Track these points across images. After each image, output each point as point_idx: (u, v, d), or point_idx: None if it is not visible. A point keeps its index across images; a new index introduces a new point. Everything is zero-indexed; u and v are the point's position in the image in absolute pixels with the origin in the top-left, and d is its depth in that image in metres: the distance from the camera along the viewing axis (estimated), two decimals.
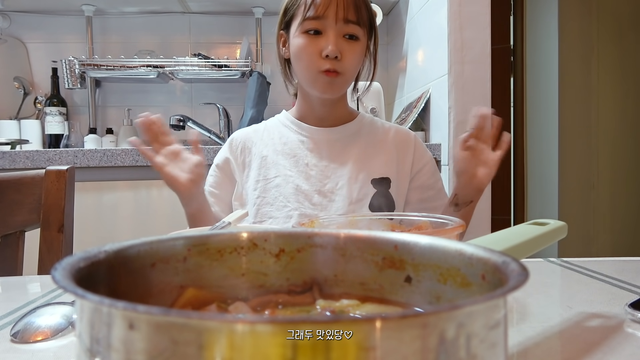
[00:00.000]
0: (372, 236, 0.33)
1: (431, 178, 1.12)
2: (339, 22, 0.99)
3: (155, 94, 2.51)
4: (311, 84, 1.05)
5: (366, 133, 1.12)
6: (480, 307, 0.20)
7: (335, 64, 1.00)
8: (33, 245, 0.96)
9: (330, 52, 0.98)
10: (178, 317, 0.18)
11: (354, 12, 1.00)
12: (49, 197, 0.96)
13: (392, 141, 1.12)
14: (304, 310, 0.32)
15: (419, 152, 1.12)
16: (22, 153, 1.74)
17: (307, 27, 1.00)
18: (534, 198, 2.66)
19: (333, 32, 0.99)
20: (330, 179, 1.04)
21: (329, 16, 0.99)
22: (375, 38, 1.12)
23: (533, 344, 0.43)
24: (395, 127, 1.16)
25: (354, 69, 1.05)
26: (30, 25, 2.45)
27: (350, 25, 1.00)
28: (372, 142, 1.11)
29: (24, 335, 0.46)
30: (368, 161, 1.08)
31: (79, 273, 0.24)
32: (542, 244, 0.46)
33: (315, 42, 1.00)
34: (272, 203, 1.04)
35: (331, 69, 1.00)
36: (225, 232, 0.34)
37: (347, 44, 1.01)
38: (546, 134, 2.66)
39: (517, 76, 2.33)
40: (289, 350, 0.17)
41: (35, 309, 0.50)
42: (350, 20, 1.00)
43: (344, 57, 1.01)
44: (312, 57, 1.00)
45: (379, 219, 0.61)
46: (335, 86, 1.03)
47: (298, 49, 1.02)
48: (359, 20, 1.01)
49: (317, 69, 1.01)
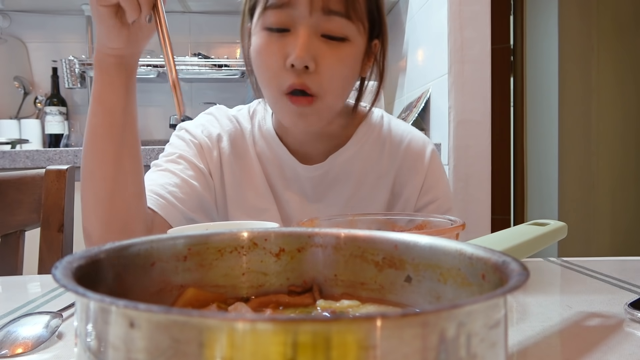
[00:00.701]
0: (372, 236, 0.33)
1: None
2: (315, 14, 0.67)
3: (155, 94, 2.51)
4: (274, 110, 0.77)
5: (365, 158, 0.83)
6: (480, 307, 0.20)
7: (305, 78, 0.68)
8: (33, 245, 0.96)
9: (296, 59, 0.66)
10: (179, 315, 0.18)
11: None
12: (49, 197, 0.96)
13: (399, 165, 0.84)
14: (304, 312, 0.32)
15: (429, 182, 0.83)
16: (22, 153, 1.74)
17: (268, 20, 0.69)
18: (533, 198, 2.66)
19: (305, 29, 0.67)
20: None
21: (300, 4, 0.67)
22: (383, 36, 0.79)
23: (533, 343, 0.43)
24: (409, 140, 0.85)
25: (339, 88, 0.72)
26: (30, 25, 2.45)
27: (332, 19, 0.68)
28: (371, 171, 0.84)
29: (2, 346, 0.42)
30: (361, 202, 0.83)
31: (80, 272, 0.24)
32: (542, 244, 0.46)
33: (279, 44, 0.69)
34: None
35: (297, 85, 0.68)
36: (226, 232, 0.34)
37: (328, 48, 0.69)
38: (546, 134, 2.66)
39: (517, 76, 2.33)
40: (290, 349, 0.17)
41: (18, 318, 0.46)
42: (332, 10, 0.67)
43: (321, 68, 0.68)
44: (273, 68, 0.69)
45: (379, 219, 0.61)
46: (308, 119, 0.72)
47: (255, 54, 0.72)
48: (349, 11, 0.68)
49: (278, 88, 0.70)
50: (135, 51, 0.65)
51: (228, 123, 0.86)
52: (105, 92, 0.65)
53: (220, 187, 0.83)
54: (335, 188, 0.83)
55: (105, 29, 0.61)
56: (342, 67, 0.71)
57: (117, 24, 0.61)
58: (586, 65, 2.66)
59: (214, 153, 0.83)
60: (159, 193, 0.75)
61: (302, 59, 0.66)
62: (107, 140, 0.65)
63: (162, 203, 0.74)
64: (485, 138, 1.74)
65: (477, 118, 1.73)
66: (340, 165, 0.82)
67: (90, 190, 0.67)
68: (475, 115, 1.73)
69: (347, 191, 0.83)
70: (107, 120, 0.65)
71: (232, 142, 0.84)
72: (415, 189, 0.83)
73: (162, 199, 0.74)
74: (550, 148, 2.66)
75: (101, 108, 0.65)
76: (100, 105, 0.65)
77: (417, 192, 0.84)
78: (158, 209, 0.74)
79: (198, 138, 0.83)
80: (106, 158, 0.66)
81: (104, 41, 0.62)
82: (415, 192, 0.84)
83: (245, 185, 0.83)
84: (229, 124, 0.86)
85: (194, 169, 0.80)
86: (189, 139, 0.83)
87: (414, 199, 0.84)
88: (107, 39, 0.62)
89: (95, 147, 0.66)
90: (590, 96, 2.68)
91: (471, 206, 1.73)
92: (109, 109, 0.65)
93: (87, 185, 0.67)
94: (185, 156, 0.80)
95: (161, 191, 0.75)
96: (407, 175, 0.84)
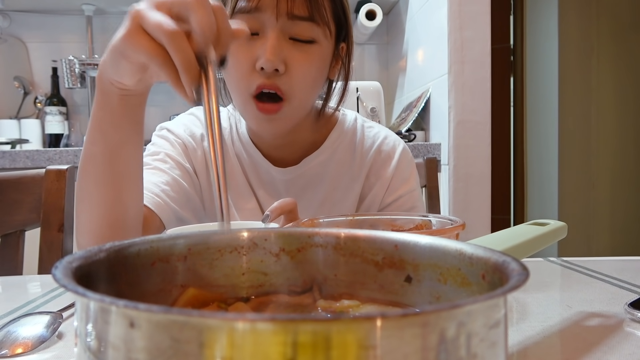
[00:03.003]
0: (372, 236, 0.33)
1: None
2: (282, 18, 0.69)
3: (155, 94, 2.51)
4: (242, 114, 0.78)
5: (338, 161, 0.84)
6: (480, 306, 0.20)
7: (275, 80, 0.70)
8: (33, 245, 0.96)
9: (266, 62, 0.68)
10: (179, 315, 0.18)
11: (304, 3, 0.69)
12: (49, 197, 0.96)
13: (369, 167, 0.86)
14: (304, 312, 0.32)
15: (396, 182, 0.85)
16: (22, 152, 1.74)
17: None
18: (533, 198, 2.66)
19: (273, 32, 0.69)
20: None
21: (267, 8, 0.68)
22: (349, 39, 0.80)
23: (533, 343, 0.43)
24: (380, 142, 0.87)
25: (308, 88, 0.74)
26: (30, 25, 2.45)
27: (298, 23, 0.70)
28: (344, 174, 0.85)
29: (2, 346, 0.41)
30: (335, 204, 0.84)
31: (80, 272, 0.24)
32: (542, 244, 0.46)
33: (248, 47, 0.70)
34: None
35: (267, 86, 0.69)
36: (226, 232, 0.34)
37: (296, 50, 0.70)
38: (546, 134, 2.66)
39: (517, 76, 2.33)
40: (290, 349, 0.17)
41: (18, 318, 0.46)
42: (298, 15, 0.69)
43: (291, 69, 0.70)
44: (243, 70, 0.70)
45: (379, 219, 0.61)
46: (275, 123, 0.73)
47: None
48: (314, 15, 0.70)
49: (247, 90, 0.71)
50: (146, 86, 0.57)
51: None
52: (105, 122, 0.58)
53: (207, 186, 0.84)
54: (309, 190, 0.84)
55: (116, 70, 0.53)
56: (311, 68, 0.72)
57: (134, 69, 0.52)
58: (586, 65, 2.66)
59: (198, 152, 0.83)
60: (154, 191, 0.74)
61: (271, 61, 0.68)
62: (106, 171, 0.60)
63: (157, 201, 0.74)
64: (485, 138, 1.74)
65: (477, 118, 1.73)
66: (314, 168, 0.84)
67: (86, 212, 0.64)
68: (475, 115, 1.73)
69: (320, 194, 0.84)
70: (106, 154, 0.59)
71: None
72: (382, 189, 0.85)
73: (157, 198, 0.74)
74: (550, 148, 2.66)
75: (100, 137, 0.58)
76: (99, 133, 0.59)
77: (383, 191, 0.85)
78: (154, 207, 0.74)
79: (181, 138, 0.83)
80: (104, 186, 0.61)
81: (112, 75, 0.54)
82: (382, 191, 0.85)
83: (229, 184, 0.83)
84: None
85: (181, 168, 0.80)
86: (173, 139, 0.83)
87: (380, 199, 0.85)
88: (115, 74, 0.54)
89: (92, 174, 0.61)
90: (590, 96, 2.68)
91: (471, 206, 1.73)
92: (108, 142, 0.58)
93: (82, 205, 0.64)
94: (171, 155, 0.80)
95: (155, 190, 0.75)
96: (376, 176, 0.85)
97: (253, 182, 0.85)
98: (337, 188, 0.85)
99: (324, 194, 0.84)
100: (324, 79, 0.78)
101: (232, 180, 0.84)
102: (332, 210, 0.84)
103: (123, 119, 0.58)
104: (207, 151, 0.83)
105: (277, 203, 0.62)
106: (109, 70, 0.54)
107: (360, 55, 2.57)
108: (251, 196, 0.84)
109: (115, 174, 0.60)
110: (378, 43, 2.55)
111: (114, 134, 0.58)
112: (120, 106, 0.57)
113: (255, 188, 0.85)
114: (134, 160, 0.62)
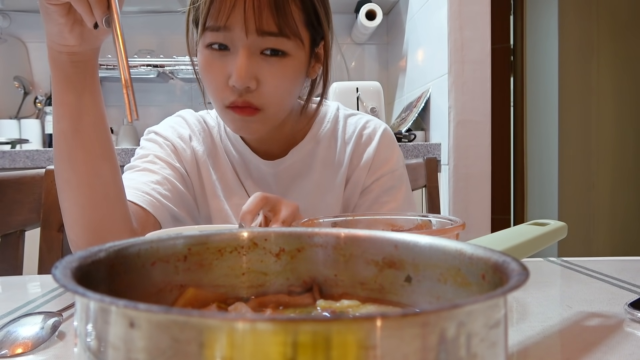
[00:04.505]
0: (372, 236, 0.33)
1: (383, 196, 0.85)
2: (251, 35, 0.69)
3: (155, 94, 2.51)
4: (221, 118, 0.80)
5: (323, 150, 0.86)
6: (480, 306, 0.20)
7: (247, 96, 0.71)
8: (33, 245, 0.96)
9: (237, 81, 0.69)
10: (179, 315, 0.18)
11: (272, 19, 0.68)
12: (49, 197, 0.96)
13: (352, 151, 0.86)
14: (304, 312, 0.32)
15: (377, 162, 0.86)
16: (22, 152, 1.74)
17: (208, 40, 0.71)
18: (533, 198, 2.67)
19: (243, 50, 0.69)
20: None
21: (235, 26, 0.68)
22: (326, 40, 0.78)
23: (533, 343, 0.43)
24: (362, 126, 0.88)
25: (282, 99, 0.74)
26: (30, 25, 2.45)
27: (268, 39, 0.69)
28: (330, 162, 0.86)
29: (2, 346, 0.41)
30: (325, 192, 0.85)
31: (80, 272, 0.24)
32: (542, 244, 0.46)
33: (221, 62, 0.71)
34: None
35: (239, 103, 0.71)
36: (226, 232, 0.34)
37: (267, 64, 0.70)
38: (546, 134, 2.67)
39: (517, 76, 2.34)
40: (290, 349, 0.17)
41: (18, 318, 0.46)
42: (267, 31, 0.69)
43: (263, 85, 0.71)
44: (217, 85, 0.72)
45: (379, 219, 0.61)
46: (252, 126, 0.75)
47: (201, 70, 0.75)
48: (284, 30, 0.69)
49: (222, 102, 0.73)
50: (91, 47, 0.61)
51: (197, 124, 0.88)
52: (64, 92, 0.62)
53: (199, 186, 0.85)
54: (298, 181, 0.86)
55: (56, 27, 0.57)
56: (283, 82, 0.73)
57: (69, 22, 0.57)
58: (586, 65, 2.66)
59: (187, 152, 0.85)
60: (145, 191, 0.75)
61: (242, 80, 0.69)
62: (77, 146, 0.63)
63: (149, 200, 0.74)
64: (485, 138, 1.74)
65: (477, 118, 1.73)
66: (301, 159, 0.85)
67: (69, 200, 0.66)
68: (475, 115, 1.73)
69: (310, 184, 0.86)
70: (72, 126, 0.63)
71: (203, 141, 0.86)
72: (364, 170, 0.86)
73: (149, 196, 0.75)
74: (550, 148, 2.66)
75: (63, 111, 0.62)
76: (62, 107, 0.62)
77: (365, 172, 0.86)
78: (147, 206, 0.74)
79: (170, 139, 0.84)
80: (78, 165, 0.64)
81: (55, 39, 0.59)
82: (364, 173, 0.86)
83: (220, 182, 0.85)
84: (197, 124, 0.88)
85: (171, 168, 0.82)
86: (162, 141, 0.84)
87: (362, 180, 0.86)
88: (58, 37, 0.58)
89: (65, 155, 0.64)
90: (590, 96, 2.68)
91: (471, 206, 1.73)
92: (71, 112, 0.62)
93: (64, 195, 0.66)
94: (161, 156, 0.82)
95: (146, 188, 0.75)
96: (359, 159, 0.86)
97: (243, 177, 0.86)
98: (324, 175, 0.86)
99: (313, 183, 0.86)
100: (301, 85, 0.79)
101: (223, 178, 0.85)
102: (323, 198, 0.85)
103: (78, 84, 0.61)
104: (196, 151, 0.85)
105: (246, 206, 0.61)
106: (53, 37, 0.59)
107: (360, 55, 2.57)
108: (242, 191, 0.85)
109: (87, 147, 0.63)
110: (378, 43, 2.55)
111: (75, 101, 0.62)
112: (74, 73, 0.61)
113: (246, 183, 0.86)
114: (100, 131, 0.64)
